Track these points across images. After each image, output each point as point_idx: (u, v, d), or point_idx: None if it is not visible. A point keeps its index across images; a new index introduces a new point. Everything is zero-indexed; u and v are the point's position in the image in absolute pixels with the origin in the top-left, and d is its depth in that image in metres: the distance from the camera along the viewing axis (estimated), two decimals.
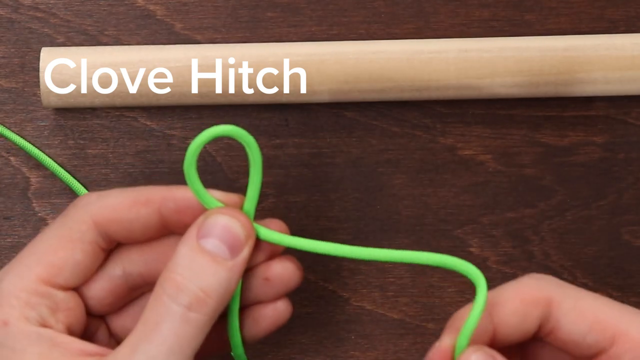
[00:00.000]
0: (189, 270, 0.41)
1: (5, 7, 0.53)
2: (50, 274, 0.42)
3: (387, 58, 0.51)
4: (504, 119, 0.53)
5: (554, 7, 0.53)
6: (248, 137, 0.43)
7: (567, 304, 0.42)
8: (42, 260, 0.42)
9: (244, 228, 0.42)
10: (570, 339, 0.42)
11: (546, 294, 0.43)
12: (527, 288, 0.43)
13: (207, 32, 0.53)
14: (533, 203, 0.53)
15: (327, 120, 0.53)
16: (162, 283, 0.41)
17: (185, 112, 0.53)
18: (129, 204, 0.43)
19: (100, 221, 0.43)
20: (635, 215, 0.54)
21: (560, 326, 0.42)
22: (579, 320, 0.42)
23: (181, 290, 0.41)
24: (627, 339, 0.41)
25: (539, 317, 0.43)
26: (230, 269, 0.42)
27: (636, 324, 0.42)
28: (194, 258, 0.41)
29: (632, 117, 0.54)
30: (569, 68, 0.51)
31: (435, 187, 0.53)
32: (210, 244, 0.42)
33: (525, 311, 0.42)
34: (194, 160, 0.43)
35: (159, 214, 0.43)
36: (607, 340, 0.42)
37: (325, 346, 0.53)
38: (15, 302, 0.41)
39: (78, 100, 0.51)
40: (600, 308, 0.42)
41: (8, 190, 0.53)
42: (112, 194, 0.43)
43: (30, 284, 0.42)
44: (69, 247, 0.43)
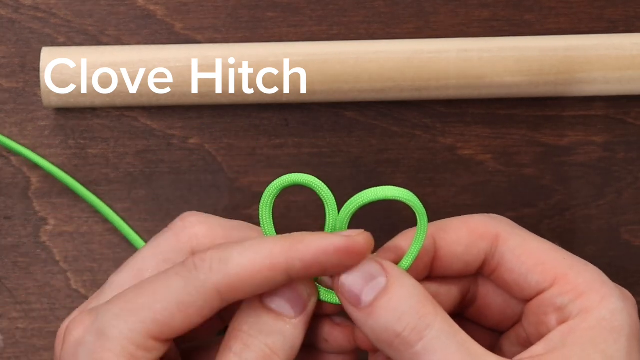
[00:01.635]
0: (254, 328, 0.41)
1: (6, 7, 0.53)
2: (162, 333, 0.41)
3: (387, 58, 0.51)
4: (504, 118, 0.54)
5: (553, 7, 0.53)
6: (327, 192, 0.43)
7: (513, 242, 0.43)
8: (157, 320, 0.40)
9: (306, 287, 0.42)
10: (512, 277, 0.43)
11: (494, 230, 0.43)
12: (476, 221, 0.44)
13: (207, 32, 0.53)
14: (533, 203, 0.54)
15: (327, 120, 0.53)
16: (227, 342, 0.41)
17: (186, 112, 0.53)
18: (254, 272, 0.41)
19: (224, 291, 0.41)
20: (634, 215, 0.54)
21: (504, 263, 0.43)
22: (523, 259, 0.43)
23: (247, 347, 0.41)
24: (566, 282, 0.42)
25: (484, 251, 0.43)
26: (295, 326, 0.42)
27: (576, 268, 0.43)
28: (259, 315, 0.41)
29: (631, 117, 0.54)
30: (568, 68, 0.51)
31: (435, 187, 0.53)
32: (275, 303, 0.42)
33: (471, 242, 0.43)
34: (270, 202, 0.43)
35: (285, 275, 0.41)
36: (548, 281, 0.42)
37: None
38: (121, 351, 0.40)
39: (78, 100, 0.51)
40: (545, 250, 0.43)
41: (8, 190, 0.53)
42: (234, 257, 0.41)
43: (140, 338, 0.40)
44: (188, 313, 0.41)
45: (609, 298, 0.42)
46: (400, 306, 0.40)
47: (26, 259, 0.53)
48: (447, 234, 0.44)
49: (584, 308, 0.41)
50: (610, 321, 0.41)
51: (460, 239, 0.44)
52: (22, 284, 0.53)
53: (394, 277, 0.41)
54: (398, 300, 0.40)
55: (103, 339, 0.40)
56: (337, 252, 0.41)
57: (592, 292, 0.42)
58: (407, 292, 0.41)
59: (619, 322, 0.41)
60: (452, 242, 0.44)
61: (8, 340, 0.53)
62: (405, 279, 0.41)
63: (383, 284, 0.41)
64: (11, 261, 0.53)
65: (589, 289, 0.42)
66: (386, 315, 0.40)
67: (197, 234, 0.43)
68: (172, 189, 0.53)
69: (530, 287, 0.43)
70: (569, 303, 0.42)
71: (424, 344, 0.40)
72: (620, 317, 0.41)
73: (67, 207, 0.53)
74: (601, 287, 0.42)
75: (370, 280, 0.41)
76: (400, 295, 0.41)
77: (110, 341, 0.40)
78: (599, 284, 0.42)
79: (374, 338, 0.41)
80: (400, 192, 0.42)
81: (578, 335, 0.41)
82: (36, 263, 0.53)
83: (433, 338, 0.40)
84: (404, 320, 0.40)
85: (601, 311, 0.41)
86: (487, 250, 0.43)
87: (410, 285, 0.41)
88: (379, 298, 0.41)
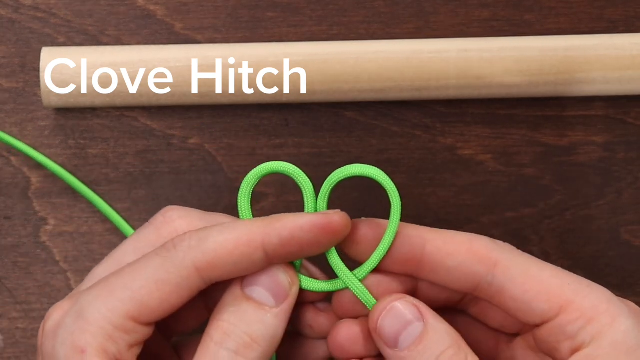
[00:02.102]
0: (234, 316, 0.41)
1: (6, 7, 0.53)
2: (140, 314, 0.41)
3: (387, 58, 0.51)
4: (504, 118, 0.54)
5: (553, 7, 0.53)
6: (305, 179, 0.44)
7: (513, 271, 0.43)
8: (135, 299, 0.41)
9: (287, 275, 0.43)
10: (516, 305, 0.43)
11: (494, 256, 0.43)
12: (480, 244, 0.43)
13: (207, 32, 0.53)
14: (533, 203, 0.54)
15: (327, 120, 0.53)
16: (209, 331, 0.42)
17: (186, 112, 0.53)
18: (231, 248, 0.41)
19: (202, 268, 0.41)
20: (634, 215, 0.54)
21: (503, 292, 0.42)
22: (525, 288, 0.42)
23: (228, 336, 0.41)
24: (574, 309, 0.42)
25: (478, 275, 0.43)
26: (276, 315, 0.42)
27: (582, 293, 0.42)
28: (239, 305, 0.42)
29: (631, 116, 0.54)
30: (568, 68, 0.51)
31: (435, 187, 0.53)
32: (256, 292, 0.42)
33: (464, 261, 0.43)
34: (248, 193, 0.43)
35: (262, 252, 0.42)
36: (554, 310, 0.42)
37: None
38: (99, 332, 0.40)
39: (78, 100, 0.51)
40: (548, 277, 0.43)
41: (8, 190, 0.53)
42: (212, 236, 0.42)
43: (119, 319, 0.41)
44: (166, 291, 0.41)
45: (618, 318, 0.41)
46: (436, 352, 0.41)
47: (26, 259, 0.53)
48: (445, 244, 0.43)
49: (596, 333, 0.41)
50: (624, 343, 0.41)
51: (454, 255, 0.43)
52: (22, 284, 0.53)
53: (429, 324, 0.42)
54: (435, 346, 0.41)
55: (81, 320, 0.41)
56: (313, 229, 0.41)
57: (601, 315, 0.41)
58: (441, 340, 0.42)
59: (633, 341, 0.41)
60: (446, 254, 0.43)
61: (8, 340, 0.53)
62: (440, 325, 0.42)
63: (420, 330, 0.42)
64: (11, 261, 0.53)
65: (598, 312, 0.41)
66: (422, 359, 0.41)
67: (177, 228, 0.44)
68: (172, 189, 0.53)
69: (536, 316, 0.42)
70: (579, 330, 0.41)
71: None
72: (633, 335, 0.41)
73: (67, 207, 0.53)
74: (609, 308, 0.41)
75: (408, 325, 0.42)
76: (437, 341, 0.42)
77: (88, 322, 0.40)
78: (606, 304, 0.42)
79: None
80: (369, 169, 0.43)
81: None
82: (36, 263, 0.53)
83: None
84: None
85: (614, 334, 0.41)
86: (482, 274, 0.43)
87: (443, 332, 0.42)
88: (416, 343, 0.42)
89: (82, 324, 0.40)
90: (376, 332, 0.42)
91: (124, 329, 0.41)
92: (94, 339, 0.40)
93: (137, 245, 0.44)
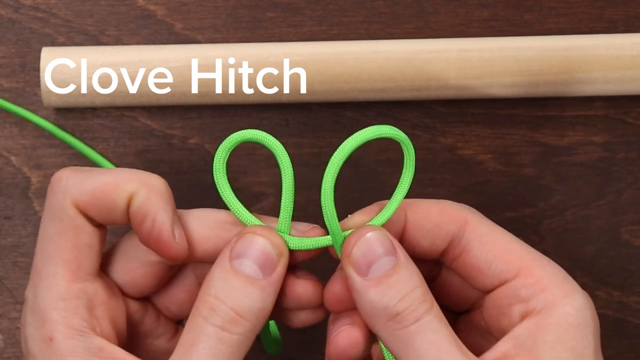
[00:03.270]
0: (222, 292, 0.42)
1: (6, 7, 0.53)
2: (73, 270, 0.42)
3: (387, 58, 0.51)
4: (504, 119, 0.54)
5: (553, 7, 0.53)
6: (276, 143, 0.43)
7: (481, 229, 0.44)
8: (58, 262, 0.42)
9: (276, 247, 0.43)
10: (477, 264, 0.44)
11: (464, 215, 0.44)
12: (448, 204, 0.45)
13: (207, 32, 0.53)
14: (533, 203, 0.54)
15: (327, 120, 0.53)
16: (197, 305, 0.42)
17: (186, 112, 0.53)
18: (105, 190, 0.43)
19: (82, 207, 0.43)
20: (634, 215, 0.54)
21: (469, 249, 0.44)
22: (489, 247, 0.44)
23: (214, 311, 0.41)
24: (530, 274, 0.43)
25: (451, 233, 0.44)
26: (263, 288, 0.42)
27: (540, 262, 0.43)
28: (227, 279, 0.42)
29: (631, 116, 0.54)
30: (568, 68, 0.51)
31: (435, 187, 0.53)
32: (243, 265, 0.42)
33: (441, 221, 0.44)
34: (223, 169, 0.43)
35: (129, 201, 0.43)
36: (511, 272, 0.43)
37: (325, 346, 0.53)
38: (56, 314, 0.41)
39: (78, 100, 0.51)
40: (511, 242, 0.44)
41: (8, 190, 0.53)
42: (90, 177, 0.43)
43: (61, 289, 0.42)
44: (71, 236, 0.42)
45: (572, 294, 0.42)
46: (405, 288, 0.42)
47: (26, 259, 0.53)
48: (419, 208, 0.45)
49: (548, 303, 0.42)
50: (576, 317, 0.42)
51: (430, 215, 0.44)
52: (22, 284, 0.53)
53: (402, 259, 0.42)
54: (405, 282, 0.42)
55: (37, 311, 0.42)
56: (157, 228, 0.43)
57: (555, 287, 0.42)
58: (414, 276, 0.42)
59: (584, 318, 0.42)
60: (422, 217, 0.44)
61: (8, 340, 0.53)
62: (411, 264, 0.42)
63: (393, 263, 0.42)
64: (11, 261, 0.53)
65: (553, 283, 0.42)
66: (390, 292, 0.41)
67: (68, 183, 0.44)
68: (172, 188, 0.53)
69: (494, 276, 0.43)
70: (533, 296, 0.42)
71: (419, 325, 0.41)
72: (585, 314, 0.42)
73: None
74: (564, 283, 0.43)
75: (381, 257, 0.42)
76: (407, 278, 0.42)
77: (44, 312, 0.42)
78: (562, 279, 0.43)
79: (369, 310, 0.42)
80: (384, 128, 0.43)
81: (547, 333, 0.41)
82: None
83: (428, 322, 0.41)
84: (406, 301, 0.41)
85: (565, 307, 0.42)
86: (454, 232, 0.44)
87: (414, 271, 0.42)
88: (387, 275, 0.42)
89: (40, 315, 0.41)
90: (349, 258, 0.42)
91: (72, 295, 0.42)
92: (55, 323, 0.41)
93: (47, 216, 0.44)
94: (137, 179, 0.43)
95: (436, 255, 0.45)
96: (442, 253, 0.45)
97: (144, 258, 0.44)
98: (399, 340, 0.41)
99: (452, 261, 0.45)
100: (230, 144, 0.43)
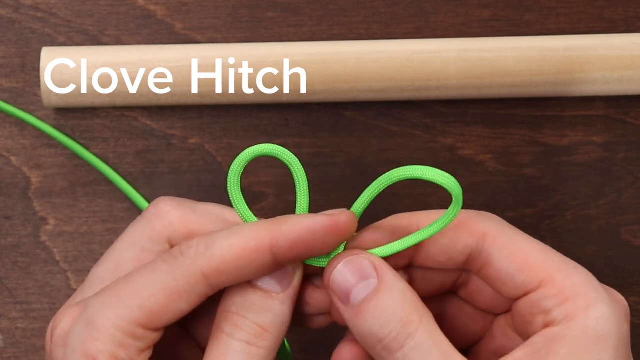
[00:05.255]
0: (243, 308, 0.41)
1: (6, 7, 0.53)
2: (149, 321, 0.41)
3: (387, 58, 0.51)
4: (504, 119, 0.54)
5: (553, 7, 0.53)
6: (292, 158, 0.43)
7: (501, 241, 0.43)
8: (144, 306, 0.41)
9: None
10: (499, 276, 0.43)
11: (482, 227, 0.43)
12: (465, 217, 0.43)
13: (207, 32, 0.53)
14: (533, 203, 0.54)
15: (327, 120, 0.53)
16: (218, 324, 0.42)
17: (186, 112, 0.53)
18: (239, 253, 0.41)
19: (210, 274, 0.41)
20: (634, 215, 0.54)
21: (491, 262, 0.43)
22: (510, 259, 0.42)
23: (239, 327, 0.41)
24: (552, 285, 0.42)
25: (469, 247, 0.43)
26: (283, 301, 0.42)
27: (565, 272, 0.42)
28: (246, 296, 0.42)
29: (631, 117, 0.54)
30: (568, 68, 0.51)
31: (435, 187, 0.53)
32: (261, 281, 0.42)
33: (456, 235, 0.43)
34: (237, 180, 0.43)
35: (270, 256, 0.41)
36: (534, 283, 0.42)
37: (325, 345, 0.53)
38: (109, 339, 0.40)
39: (78, 100, 0.51)
40: (533, 251, 0.43)
41: (8, 190, 0.53)
42: (219, 241, 0.41)
43: (128, 326, 0.41)
44: (174, 298, 0.41)
45: (595, 304, 0.41)
46: (386, 312, 0.41)
47: (26, 259, 0.53)
48: None
49: (569, 314, 0.41)
50: (595, 330, 0.40)
51: (445, 230, 0.43)
52: (22, 284, 0.53)
53: (384, 281, 0.41)
54: (385, 306, 0.41)
55: (91, 328, 0.41)
56: (320, 231, 0.41)
57: (578, 297, 0.41)
58: (394, 297, 0.41)
59: (605, 330, 0.40)
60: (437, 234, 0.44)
61: (8, 340, 0.53)
62: (396, 283, 0.41)
63: (374, 286, 0.41)
64: (11, 261, 0.53)
65: (575, 293, 0.41)
66: (371, 319, 0.41)
67: (171, 220, 0.43)
68: (172, 189, 0.53)
69: (517, 288, 0.42)
70: (554, 307, 0.41)
71: (403, 352, 0.40)
72: (606, 325, 0.40)
73: (67, 207, 0.53)
74: (588, 292, 0.41)
75: (362, 280, 0.41)
76: (388, 301, 0.41)
77: (98, 330, 0.40)
78: (586, 288, 0.41)
79: (358, 337, 0.42)
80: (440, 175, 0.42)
81: (562, 345, 0.40)
82: (36, 263, 0.53)
83: (412, 348, 0.40)
84: (386, 327, 0.40)
85: (586, 319, 0.40)
86: (472, 246, 0.43)
87: (398, 291, 0.41)
88: (367, 300, 0.41)
89: (92, 332, 0.40)
90: (329, 286, 0.42)
91: (133, 335, 0.41)
92: (104, 346, 0.40)
93: (132, 241, 0.44)
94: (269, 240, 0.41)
95: (457, 267, 0.44)
96: (464, 264, 0.44)
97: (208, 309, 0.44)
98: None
99: (476, 272, 0.44)
100: (246, 158, 0.42)
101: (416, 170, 0.42)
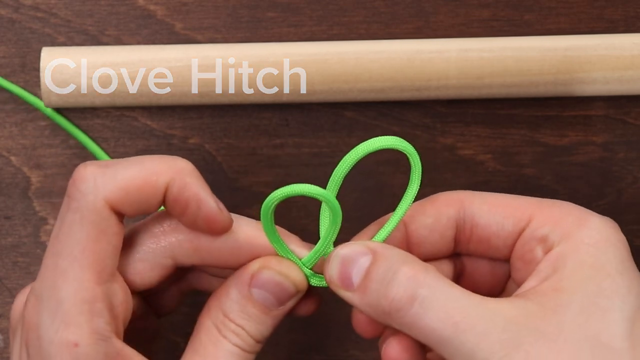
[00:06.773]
0: (239, 318, 0.43)
1: (6, 7, 0.53)
2: (98, 272, 0.41)
3: (387, 58, 0.51)
4: (504, 118, 0.54)
5: (553, 7, 0.53)
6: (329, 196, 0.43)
7: (478, 200, 0.44)
8: (85, 264, 0.41)
9: (297, 285, 0.44)
10: (490, 231, 0.44)
11: (456, 197, 0.44)
12: (438, 195, 0.45)
13: (207, 32, 0.53)
14: None
15: (327, 120, 0.53)
16: (215, 322, 0.43)
17: (186, 112, 0.53)
18: (140, 184, 0.42)
19: (115, 205, 0.42)
20: (634, 215, 0.54)
21: (477, 222, 0.44)
22: (494, 211, 0.44)
23: (238, 336, 0.43)
24: (542, 214, 0.43)
25: (453, 217, 0.44)
26: (275, 317, 0.43)
27: (548, 203, 0.43)
28: (245, 306, 0.43)
29: (631, 116, 0.54)
30: (568, 68, 0.51)
31: (435, 187, 0.53)
32: (262, 296, 0.43)
33: (437, 211, 0.44)
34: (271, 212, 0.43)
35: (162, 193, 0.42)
36: (524, 220, 0.43)
37: (325, 345, 0.54)
38: (82, 318, 0.40)
39: (78, 100, 0.51)
40: (510, 198, 0.44)
41: (8, 189, 0.53)
42: (119, 172, 0.42)
43: (88, 292, 0.41)
44: (101, 238, 0.41)
45: (586, 219, 0.42)
46: (388, 274, 0.41)
47: (26, 259, 0.53)
48: (412, 211, 0.44)
49: (565, 233, 0.42)
50: (592, 237, 0.41)
51: (425, 209, 0.44)
52: (22, 284, 0.53)
53: (378, 251, 0.42)
54: (385, 270, 0.41)
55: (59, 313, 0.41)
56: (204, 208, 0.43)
57: (569, 217, 0.42)
58: (394, 258, 0.42)
59: (603, 236, 0.42)
60: (419, 214, 0.44)
61: (8, 340, 0.53)
62: (388, 250, 0.42)
63: (369, 262, 0.42)
64: (11, 261, 0.53)
65: (566, 214, 0.42)
66: (377, 287, 0.41)
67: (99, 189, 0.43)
68: None
69: (509, 232, 0.43)
70: (549, 233, 0.42)
71: (420, 302, 0.40)
72: (603, 231, 0.42)
73: None
74: (577, 212, 0.43)
75: (356, 262, 0.42)
76: (386, 265, 0.41)
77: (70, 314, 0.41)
78: (574, 209, 0.43)
79: (373, 314, 0.42)
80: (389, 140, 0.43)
81: (566, 259, 0.41)
82: (36, 263, 0.53)
83: (427, 296, 0.40)
84: (393, 286, 0.41)
85: (582, 231, 0.42)
86: (455, 215, 0.44)
87: (393, 254, 0.42)
88: (367, 275, 0.42)
89: (62, 317, 0.40)
90: (331, 281, 0.43)
91: (97, 298, 0.41)
92: (80, 328, 0.40)
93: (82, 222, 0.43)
94: (168, 167, 0.42)
95: (452, 247, 0.45)
96: (457, 242, 0.45)
97: (157, 261, 0.44)
98: (412, 328, 0.40)
99: (469, 244, 0.44)
100: (279, 197, 0.42)
101: (378, 141, 0.43)
